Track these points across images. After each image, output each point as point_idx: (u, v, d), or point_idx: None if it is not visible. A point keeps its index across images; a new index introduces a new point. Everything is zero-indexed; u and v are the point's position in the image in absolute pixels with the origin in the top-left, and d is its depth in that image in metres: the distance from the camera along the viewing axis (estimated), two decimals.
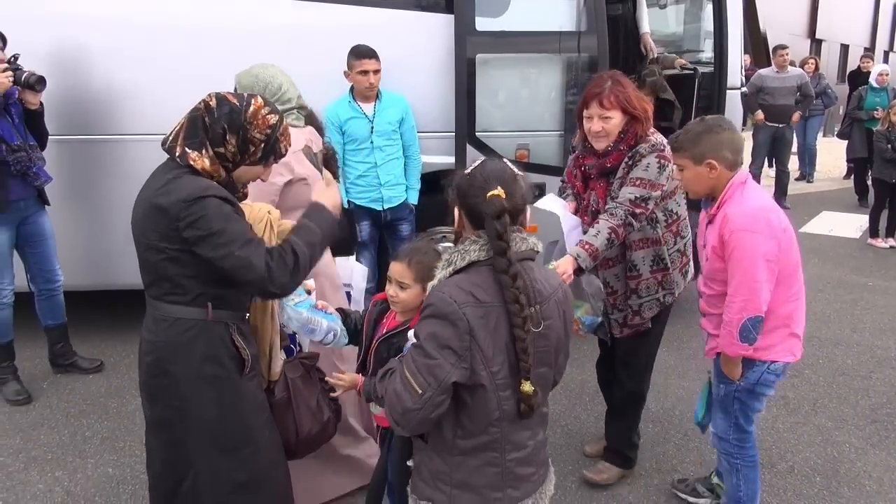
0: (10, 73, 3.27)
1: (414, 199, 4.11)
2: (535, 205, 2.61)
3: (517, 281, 1.55)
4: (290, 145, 1.96)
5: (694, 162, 2.33)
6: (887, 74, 8.43)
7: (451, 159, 4.08)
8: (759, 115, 7.99)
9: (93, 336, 4.29)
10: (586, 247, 2.47)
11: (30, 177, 3.46)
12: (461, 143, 4.02)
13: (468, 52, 3.92)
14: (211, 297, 1.84)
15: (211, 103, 1.83)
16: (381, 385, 1.68)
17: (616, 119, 2.58)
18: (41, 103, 3.49)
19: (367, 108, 3.92)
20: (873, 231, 7.05)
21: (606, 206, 2.62)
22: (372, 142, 3.91)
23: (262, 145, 1.86)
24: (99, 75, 3.84)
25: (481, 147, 4.04)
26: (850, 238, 7.30)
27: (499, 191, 1.55)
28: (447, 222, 4.54)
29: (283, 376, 2.17)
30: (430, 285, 1.67)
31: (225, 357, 1.89)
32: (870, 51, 21.16)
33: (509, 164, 1.67)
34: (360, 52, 3.79)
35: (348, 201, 4.00)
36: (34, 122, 3.52)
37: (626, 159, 2.62)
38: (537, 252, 1.68)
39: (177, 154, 1.81)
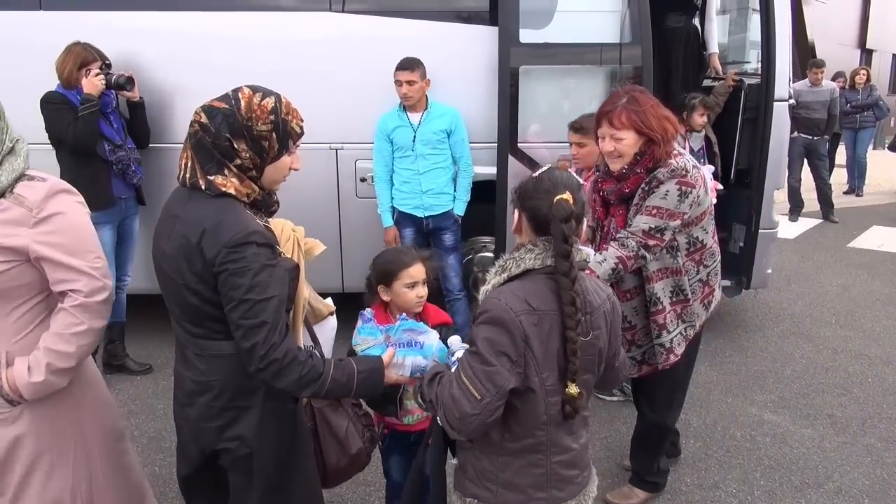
0: (101, 76, 3.60)
1: (460, 210, 4.14)
2: None
3: (575, 285, 1.59)
4: (301, 120, 1.76)
5: None
6: None
7: (493, 170, 4.11)
8: None
9: (142, 339, 4.42)
10: (587, 273, 2.30)
11: (129, 175, 3.78)
12: (503, 153, 4.04)
13: (512, 63, 3.94)
14: None
15: (202, 119, 1.65)
16: (430, 389, 1.70)
17: (629, 139, 2.39)
18: (141, 97, 3.88)
19: (414, 117, 4.01)
20: None
21: (618, 235, 2.46)
22: (414, 150, 4.00)
23: (274, 135, 1.68)
24: (156, 82, 4.03)
25: (523, 158, 4.05)
26: None
27: (567, 195, 1.59)
28: (489, 231, 4.55)
29: (309, 406, 2.09)
30: (482, 290, 1.70)
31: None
32: None
33: (574, 174, 1.71)
34: (400, 64, 3.92)
35: (393, 206, 4.12)
36: (138, 117, 3.91)
37: (643, 184, 2.43)
38: (588, 262, 1.71)
39: (203, 187, 1.65)
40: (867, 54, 20.15)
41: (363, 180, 4.27)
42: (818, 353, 4.55)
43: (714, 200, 4.23)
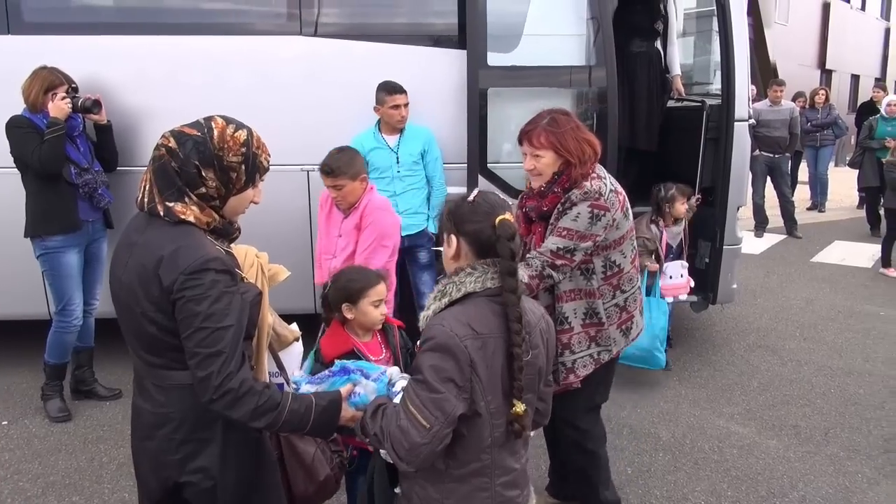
0: (68, 99, 3.59)
1: (435, 228, 4.20)
2: None
3: (521, 302, 1.62)
4: (269, 156, 1.77)
5: None
6: None
7: (464, 189, 4.16)
8: None
9: (111, 364, 4.36)
10: None
11: (95, 198, 3.73)
12: (473, 174, 4.11)
13: (480, 85, 4.03)
14: None
15: (170, 144, 1.63)
16: (374, 422, 1.68)
17: (547, 159, 2.44)
18: (109, 121, 3.86)
19: (391, 139, 4.09)
20: (885, 261, 7.04)
21: (526, 255, 2.47)
22: (397, 172, 4.08)
23: (243, 167, 1.67)
24: (128, 105, 4.04)
25: (493, 178, 4.12)
26: (863, 268, 7.29)
27: (508, 215, 1.63)
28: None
29: (274, 435, 2.02)
30: (423, 316, 1.70)
31: None
32: (881, 81, 21.24)
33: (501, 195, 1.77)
34: (393, 88, 3.99)
35: None
36: (105, 141, 3.89)
37: (559, 204, 2.46)
38: (524, 282, 1.75)
39: (161, 212, 1.63)
40: (827, 74, 20.81)
41: None
42: (783, 365, 4.66)
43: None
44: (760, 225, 8.70)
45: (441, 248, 1.77)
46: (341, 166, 3.24)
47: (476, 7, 3.97)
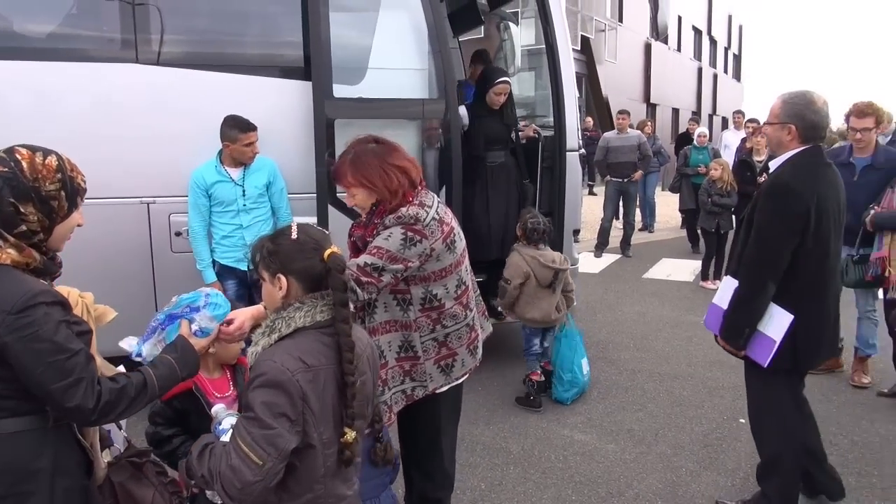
0: None
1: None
2: None
3: (352, 331, 1.68)
4: (84, 176, 1.71)
5: None
6: (706, 136, 9.61)
7: (314, 220, 4.18)
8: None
9: None
10: None
11: None
12: (322, 204, 4.14)
13: (326, 116, 4.08)
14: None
15: None
16: (201, 463, 1.64)
17: (360, 195, 2.42)
18: None
19: (235, 172, 4.04)
20: (704, 275, 7.87)
21: None
22: (243, 205, 4.03)
23: (63, 193, 1.62)
24: None
25: (342, 207, 4.17)
26: (686, 281, 8.09)
27: (336, 248, 1.69)
28: None
29: (108, 482, 1.94)
30: (251, 351, 1.71)
31: (73, 464, 1.72)
32: (696, 114, 23.75)
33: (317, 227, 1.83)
34: (246, 126, 3.95)
35: (213, 260, 4.09)
36: None
37: (377, 230, 2.43)
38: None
39: None
40: (652, 108, 22.92)
41: (178, 234, 4.15)
42: (619, 374, 5.05)
43: None
44: (602, 245, 9.41)
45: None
46: None
47: (320, 39, 4.03)
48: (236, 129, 3.93)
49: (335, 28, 4.09)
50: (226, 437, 1.69)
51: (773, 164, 2.93)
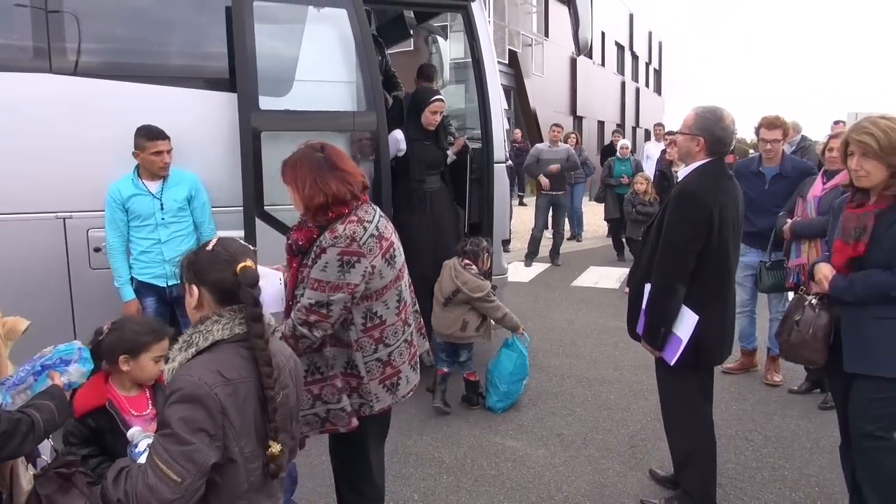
0: None
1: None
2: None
3: (269, 345, 1.67)
4: None
5: None
6: (628, 148, 9.99)
7: (241, 233, 4.11)
8: (544, 180, 9.15)
9: None
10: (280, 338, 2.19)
11: None
12: (250, 217, 4.08)
13: (252, 128, 4.03)
14: None
15: None
16: (117, 487, 1.60)
17: (293, 196, 2.40)
18: None
19: (153, 185, 3.92)
20: (629, 282, 8.11)
21: (295, 292, 2.40)
22: (161, 219, 3.91)
23: None
24: None
25: (270, 220, 4.12)
26: (612, 289, 8.34)
27: (249, 262, 1.69)
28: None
29: (34, 496, 1.89)
30: (167, 368, 1.69)
31: None
32: (620, 126, 24.56)
33: (242, 241, 1.82)
34: (154, 134, 3.83)
35: (132, 277, 3.96)
36: None
37: (315, 247, 2.35)
38: (273, 327, 1.81)
39: None
40: (578, 120, 23.57)
41: (97, 250, 4.01)
42: (549, 380, 5.17)
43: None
44: (532, 255, 9.59)
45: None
46: None
47: (245, 50, 3.99)
48: (143, 138, 3.82)
49: (261, 39, 4.06)
50: (142, 460, 1.65)
51: (681, 173, 3.16)
